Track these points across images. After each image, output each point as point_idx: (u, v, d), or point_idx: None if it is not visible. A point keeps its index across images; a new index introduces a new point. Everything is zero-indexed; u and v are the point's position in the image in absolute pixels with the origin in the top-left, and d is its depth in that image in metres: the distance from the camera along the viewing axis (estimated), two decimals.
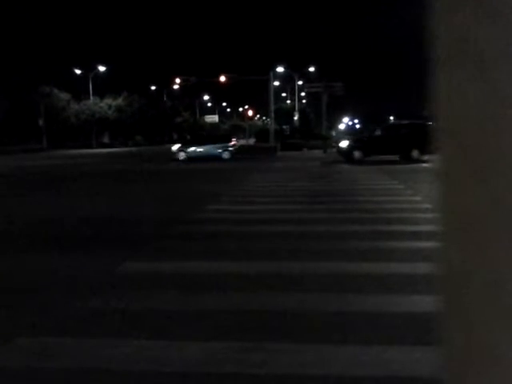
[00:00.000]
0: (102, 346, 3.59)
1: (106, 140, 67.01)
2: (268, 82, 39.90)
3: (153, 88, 76.27)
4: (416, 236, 6.73)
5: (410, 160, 22.16)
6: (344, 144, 25.30)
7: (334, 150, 27.56)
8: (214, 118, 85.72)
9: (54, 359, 3.41)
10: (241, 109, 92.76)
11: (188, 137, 48.62)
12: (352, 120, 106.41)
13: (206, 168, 22.09)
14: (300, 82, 52.10)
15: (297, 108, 52.20)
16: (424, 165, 20.05)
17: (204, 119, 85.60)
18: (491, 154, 0.53)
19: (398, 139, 23.12)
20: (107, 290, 4.88)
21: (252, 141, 46.75)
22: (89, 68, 59.18)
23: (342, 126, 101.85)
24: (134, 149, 52.53)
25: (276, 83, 48.23)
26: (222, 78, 40.05)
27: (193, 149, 28.58)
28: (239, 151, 30.72)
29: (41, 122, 52.33)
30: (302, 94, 58.35)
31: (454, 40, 0.54)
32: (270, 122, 42.86)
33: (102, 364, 3.32)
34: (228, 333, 3.79)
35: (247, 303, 4.39)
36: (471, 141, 0.54)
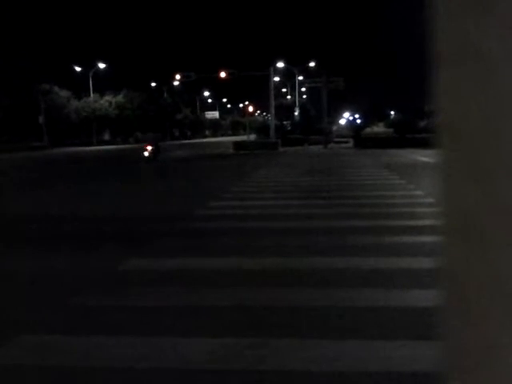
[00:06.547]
0: (105, 344, 3.57)
1: (106, 137, 66.95)
2: (268, 78, 39.82)
3: (153, 85, 76.18)
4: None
5: None
6: None
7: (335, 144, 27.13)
8: (215, 114, 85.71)
9: (57, 357, 3.39)
10: (241, 105, 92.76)
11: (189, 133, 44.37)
12: (353, 115, 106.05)
13: (207, 164, 22.05)
14: (300, 77, 52.02)
15: (297, 103, 52.12)
16: None
17: (205, 115, 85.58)
18: (492, 153, 0.54)
19: None
20: (110, 287, 4.86)
21: (252, 137, 46.65)
22: (89, 65, 59.18)
23: (342, 121, 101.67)
24: (136, 145, 52.26)
25: (276, 79, 48.15)
26: (222, 74, 39.96)
27: None
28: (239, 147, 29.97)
29: (41, 120, 52.25)
30: (303, 89, 58.24)
31: (456, 39, 0.54)
32: (270, 118, 42.75)
33: (105, 361, 3.31)
34: (232, 329, 3.77)
35: (252, 299, 4.37)
36: (472, 139, 0.55)
